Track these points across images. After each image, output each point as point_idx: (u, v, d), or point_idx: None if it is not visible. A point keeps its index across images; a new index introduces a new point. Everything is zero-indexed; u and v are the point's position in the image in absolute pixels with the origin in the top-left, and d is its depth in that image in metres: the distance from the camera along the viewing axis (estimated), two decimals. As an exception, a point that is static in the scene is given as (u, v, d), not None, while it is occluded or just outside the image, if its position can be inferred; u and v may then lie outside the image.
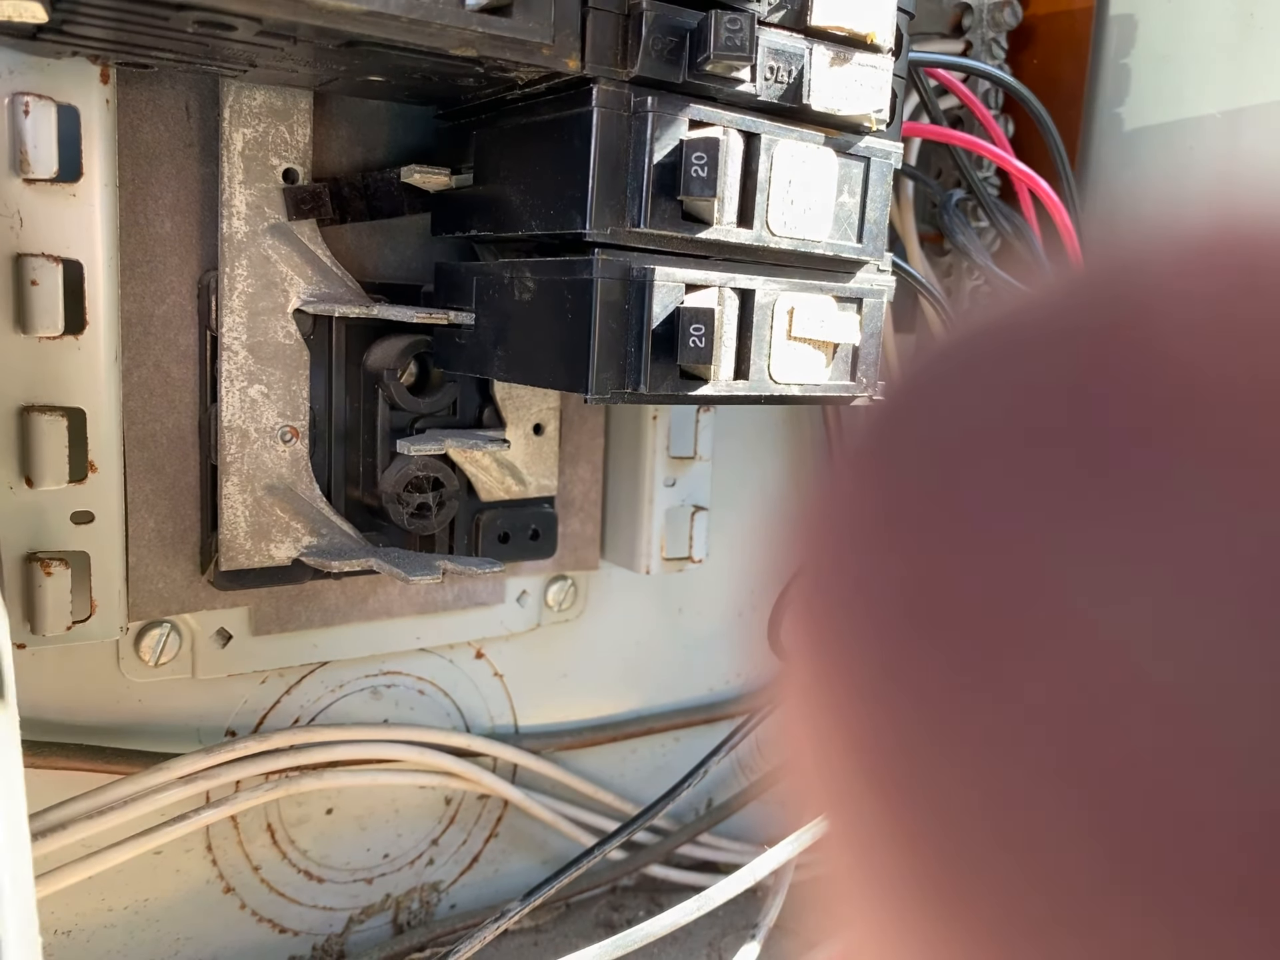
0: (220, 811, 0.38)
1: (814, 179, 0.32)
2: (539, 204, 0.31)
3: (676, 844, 0.50)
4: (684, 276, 0.30)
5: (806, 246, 0.32)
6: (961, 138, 0.42)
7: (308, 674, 0.42)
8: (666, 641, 0.51)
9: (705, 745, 0.49)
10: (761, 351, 0.32)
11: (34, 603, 0.32)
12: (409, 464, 0.39)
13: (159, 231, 0.34)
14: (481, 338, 0.35)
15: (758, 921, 0.42)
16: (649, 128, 0.29)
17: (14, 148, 0.30)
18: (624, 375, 0.30)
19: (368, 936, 0.45)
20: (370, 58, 0.29)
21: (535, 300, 0.32)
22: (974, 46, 0.51)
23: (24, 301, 0.31)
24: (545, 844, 0.50)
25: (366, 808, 0.44)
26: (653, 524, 0.46)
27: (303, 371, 0.36)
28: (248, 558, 0.36)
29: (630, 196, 0.30)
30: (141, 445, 0.35)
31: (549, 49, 0.28)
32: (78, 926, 0.39)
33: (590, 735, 0.49)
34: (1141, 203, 0.10)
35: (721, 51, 0.28)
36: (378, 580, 0.41)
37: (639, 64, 0.29)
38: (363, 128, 0.37)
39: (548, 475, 0.43)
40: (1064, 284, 0.09)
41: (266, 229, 0.35)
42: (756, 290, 0.32)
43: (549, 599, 0.46)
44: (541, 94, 0.31)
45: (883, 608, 0.09)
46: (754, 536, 0.51)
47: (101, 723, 0.37)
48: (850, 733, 0.09)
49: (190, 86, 0.34)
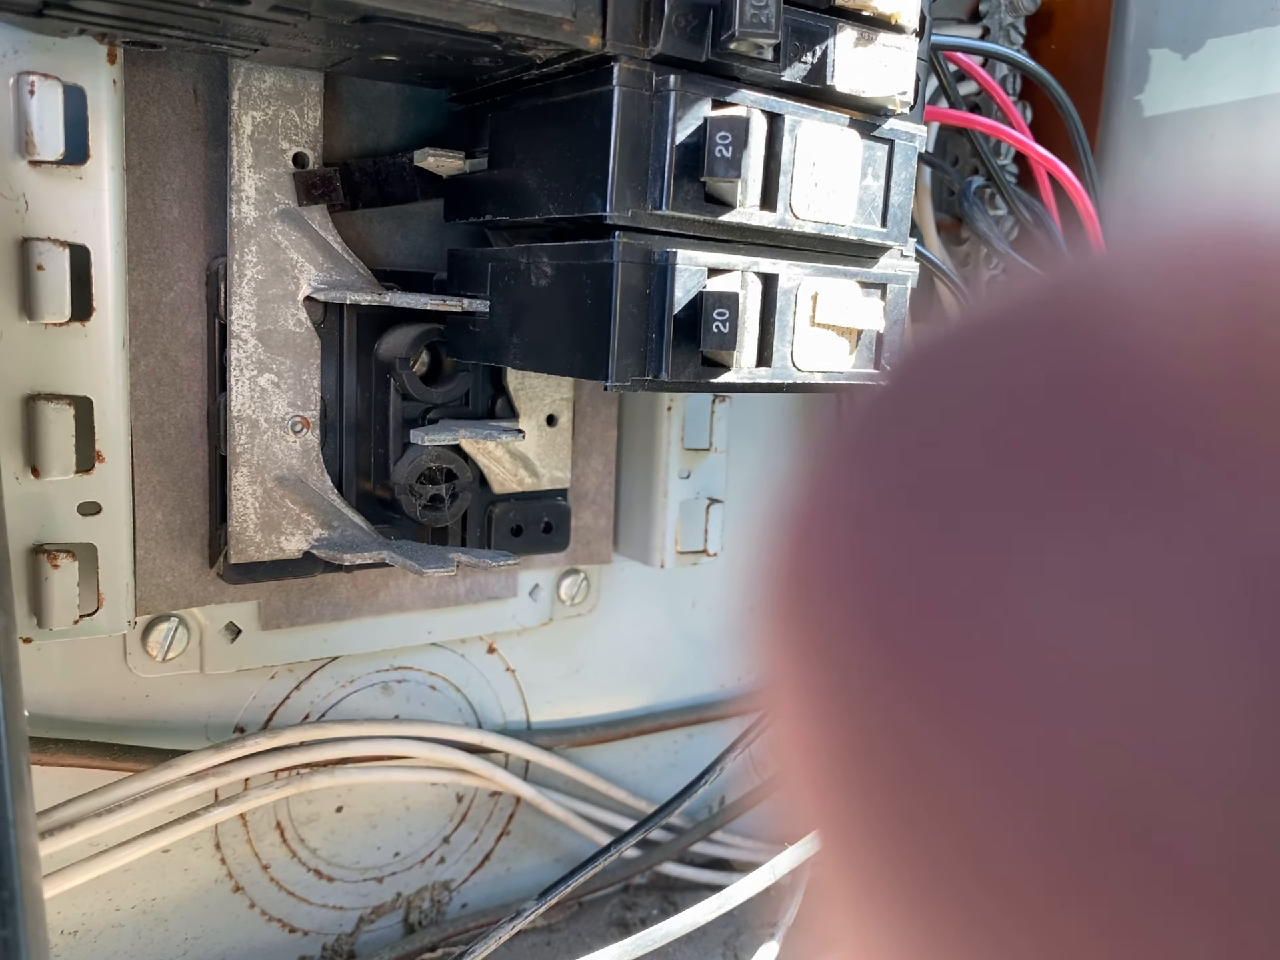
0: (229, 810, 0.38)
1: (838, 161, 0.31)
2: (557, 187, 0.31)
3: (690, 842, 0.50)
4: (707, 260, 0.30)
5: (830, 230, 0.32)
6: (983, 122, 0.41)
7: (318, 669, 0.41)
8: (680, 636, 0.51)
9: (718, 741, 0.48)
10: (785, 338, 0.31)
11: (40, 596, 0.32)
12: (422, 455, 0.38)
13: (167, 217, 0.34)
14: (496, 325, 0.34)
15: (777, 920, 0.42)
16: (671, 107, 0.28)
17: (19, 129, 0.29)
18: (645, 362, 0.30)
19: (378, 936, 0.45)
20: (385, 35, 0.28)
21: (553, 286, 0.31)
22: (992, 31, 0.50)
23: (30, 287, 0.30)
24: (557, 841, 0.49)
25: (377, 805, 0.44)
26: (667, 517, 0.45)
27: (313, 360, 0.36)
28: (257, 550, 0.36)
29: (652, 178, 0.29)
30: (149, 435, 0.34)
31: (570, 24, 0.27)
32: (84, 927, 0.38)
33: (603, 731, 0.48)
34: (1158, 192, 0.09)
35: (747, 29, 0.28)
36: (389, 574, 0.40)
37: (661, 41, 0.28)
38: (374, 111, 0.37)
39: (561, 467, 0.42)
40: (1057, 278, 0.09)
41: (276, 214, 0.34)
42: (780, 275, 0.31)
43: (561, 593, 0.46)
44: (560, 74, 0.30)
45: (847, 607, 0.09)
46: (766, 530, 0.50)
47: (108, 719, 0.37)
48: (822, 737, 0.09)
49: (198, 68, 0.33)
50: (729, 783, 0.53)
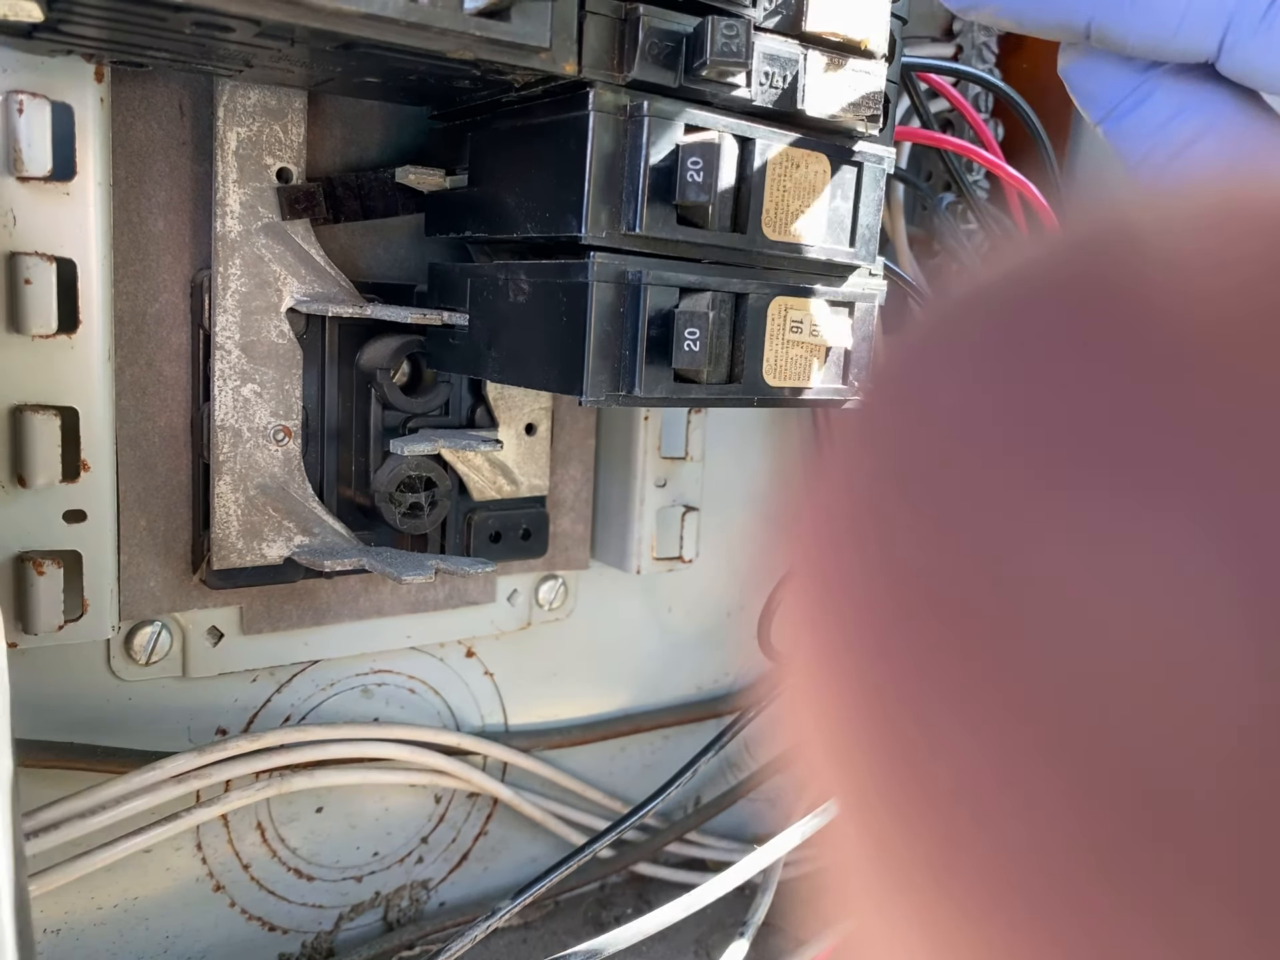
0: (211, 810, 0.38)
1: (808, 183, 0.32)
2: (534, 206, 0.31)
3: (665, 842, 0.51)
4: (678, 280, 0.31)
5: (799, 251, 0.32)
6: (953, 143, 0.42)
7: (298, 672, 0.42)
8: (656, 641, 0.52)
9: (693, 744, 0.49)
10: (755, 355, 0.32)
11: (26, 602, 0.32)
12: (402, 464, 0.39)
13: (152, 230, 0.34)
14: (475, 339, 0.35)
15: (746, 919, 0.43)
16: (645, 131, 0.29)
17: (7, 146, 0.30)
18: (619, 378, 0.30)
19: (357, 934, 0.45)
20: (367, 60, 0.29)
21: (530, 302, 0.32)
22: (965, 50, 0.51)
23: (17, 300, 0.31)
24: (534, 841, 0.50)
25: (356, 806, 0.44)
26: (643, 524, 0.46)
27: (296, 371, 0.36)
28: (240, 557, 0.36)
29: (626, 200, 0.30)
30: (134, 444, 0.35)
31: (546, 53, 0.28)
32: (66, 925, 0.39)
33: (579, 734, 0.49)
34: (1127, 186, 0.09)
35: (718, 57, 0.29)
36: (369, 579, 0.41)
37: (635, 68, 0.29)
38: (357, 128, 0.37)
39: (539, 475, 0.43)
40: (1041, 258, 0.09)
41: (260, 228, 0.35)
42: (750, 294, 0.32)
43: (540, 598, 0.46)
44: (538, 96, 0.31)
45: (870, 594, 0.09)
46: (744, 537, 0.51)
47: (92, 721, 0.37)
48: (845, 716, 0.09)
49: (184, 85, 0.34)
50: (704, 784, 0.54)
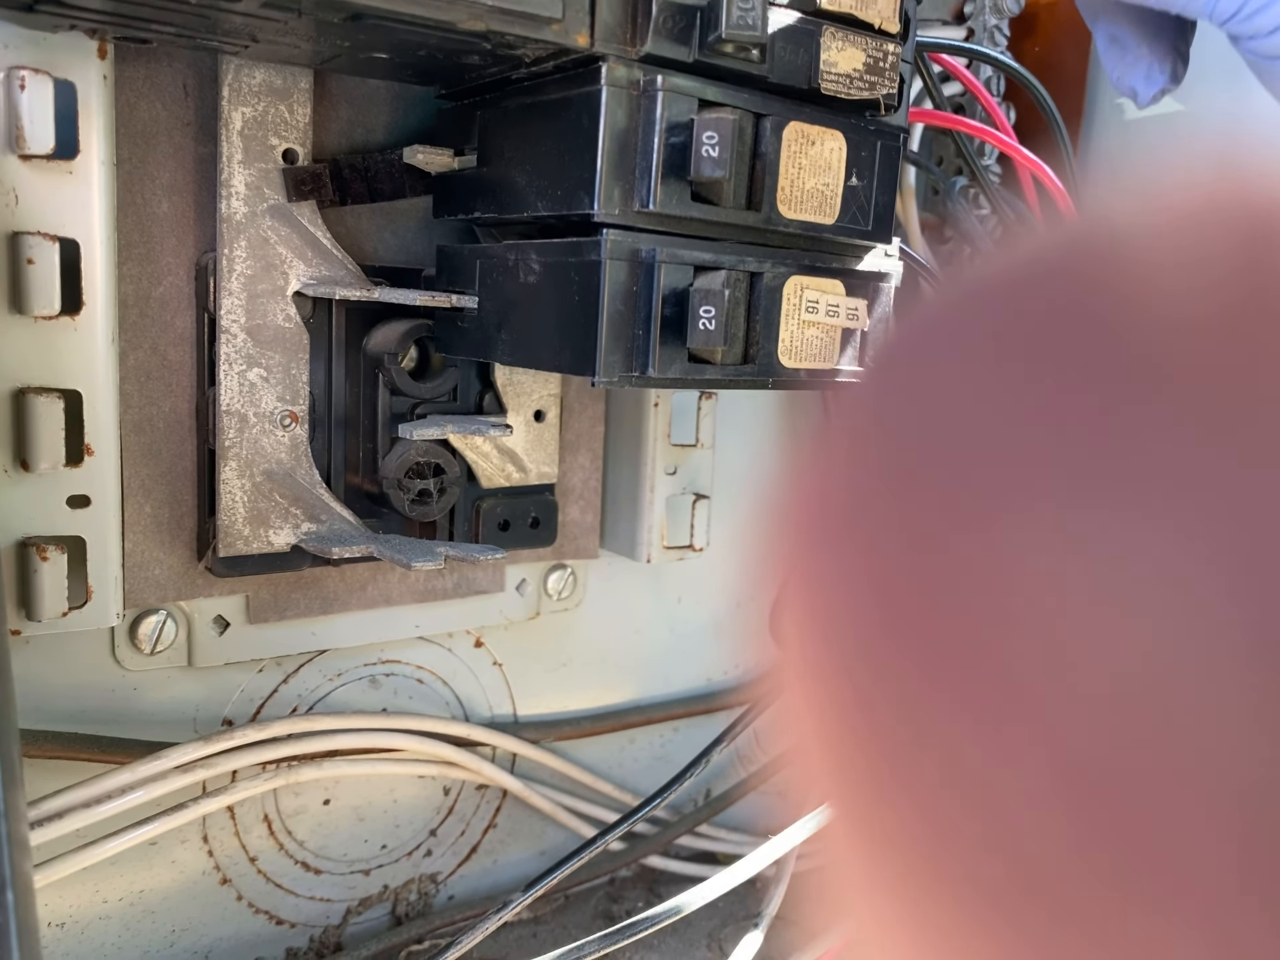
0: (217, 802, 0.38)
1: (823, 161, 0.32)
2: (545, 185, 0.31)
3: (675, 835, 0.50)
4: (693, 258, 0.30)
5: (815, 229, 0.32)
6: (967, 124, 0.42)
7: (306, 662, 0.41)
8: (666, 631, 0.51)
9: (704, 735, 0.48)
10: (770, 335, 0.32)
11: (29, 589, 0.32)
12: (410, 449, 0.38)
13: (156, 211, 0.34)
14: (485, 321, 0.34)
15: (759, 912, 0.42)
16: (659, 107, 0.29)
17: (9, 124, 0.29)
18: (632, 358, 0.30)
19: (366, 928, 0.45)
20: (375, 32, 0.28)
21: (541, 283, 0.32)
22: (976, 33, 0.50)
23: (20, 280, 0.30)
24: (543, 834, 0.49)
25: (364, 798, 0.44)
26: (653, 512, 0.45)
27: (302, 355, 0.36)
28: (246, 544, 0.36)
29: (639, 177, 0.29)
30: (138, 429, 0.35)
31: (558, 24, 0.27)
32: (72, 918, 0.38)
33: (589, 725, 0.49)
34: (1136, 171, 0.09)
35: (733, 30, 0.28)
36: (377, 568, 0.40)
37: (649, 42, 0.28)
38: (364, 108, 0.37)
39: (548, 462, 0.43)
40: (1062, 237, 0.09)
41: (266, 210, 0.34)
42: (765, 273, 0.31)
43: (548, 587, 0.46)
44: (549, 73, 0.30)
45: (858, 592, 0.09)
46: (753, 525, 0.51)
47: (96, 711, 0.37)
48: (835, 719, 0.09)
49: (188, 64, 0.34)
50: (715, 776, 0.54)
